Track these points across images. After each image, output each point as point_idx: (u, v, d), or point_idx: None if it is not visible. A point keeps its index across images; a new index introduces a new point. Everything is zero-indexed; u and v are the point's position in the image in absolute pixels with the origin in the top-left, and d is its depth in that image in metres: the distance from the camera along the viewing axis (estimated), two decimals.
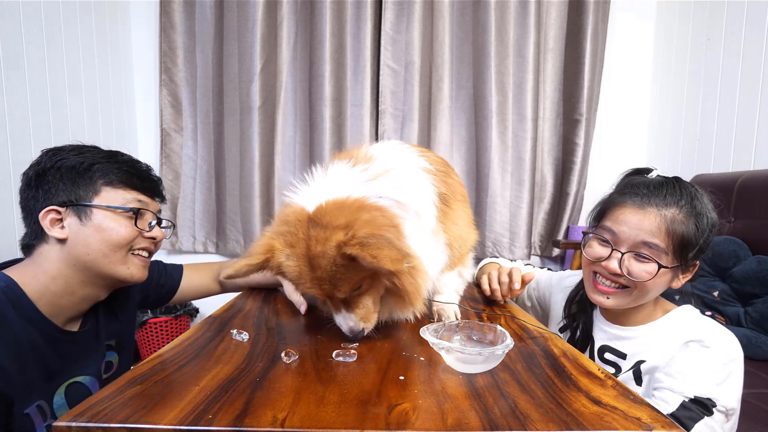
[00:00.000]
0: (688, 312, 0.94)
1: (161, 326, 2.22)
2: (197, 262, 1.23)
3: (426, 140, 2.30)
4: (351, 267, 0.69)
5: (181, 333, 1.93)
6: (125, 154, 0.94)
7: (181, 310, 2.31)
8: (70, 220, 0.85)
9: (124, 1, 2.33)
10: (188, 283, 1.18)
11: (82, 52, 2.03)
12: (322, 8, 2.19)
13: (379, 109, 2.26)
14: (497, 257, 1.48)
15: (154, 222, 0.93)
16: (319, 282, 0.71)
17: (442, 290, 0.95)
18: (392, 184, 0.78)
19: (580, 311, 1.05)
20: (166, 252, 2.47)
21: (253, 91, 2.24)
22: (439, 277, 0.93)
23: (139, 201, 0.90)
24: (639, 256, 0.86)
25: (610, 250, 0.89)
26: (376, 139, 2.30)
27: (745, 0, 1.79)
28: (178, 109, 2.38)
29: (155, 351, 0.74)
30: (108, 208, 0.86)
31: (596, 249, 0.92)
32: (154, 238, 0.93)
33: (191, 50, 2.33)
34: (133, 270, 0.90)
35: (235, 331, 0.79)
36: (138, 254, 0.91)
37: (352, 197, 0.73)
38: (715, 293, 1.46)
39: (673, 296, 0.99)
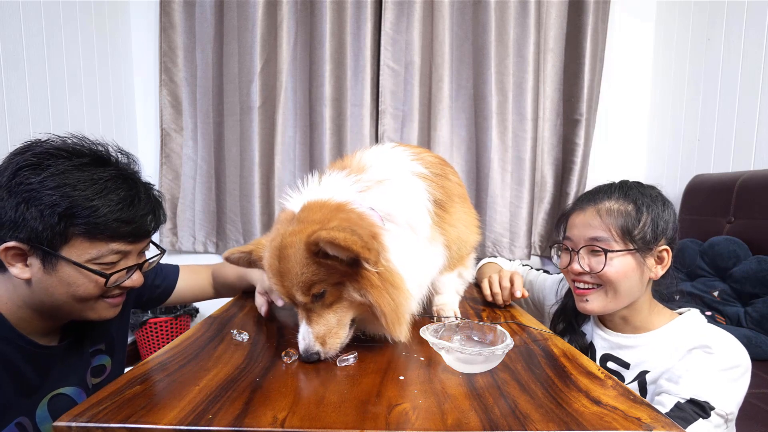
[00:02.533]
0: (694, 319, 0.93)
1: (161, 326, 2.22)
2: (193, 264, 1.21)
3: (426, 140, 2.30)
4: (313, 263, 0.68)
5: (181, 333, 1.93)
6: (121, 182, 0.77)
7: (181, 310, 2.31)
8: (34, 261, 0.73)
9: (124, 1, 2.33)
10: (184, 285, 1.15)
11: (82, 52, 2.03)
12: (322, 8, 2.19)
13: (379, 109, 2.26)
14: (496, 257, 1.48)
15: (131, 272, 0.81)
16: (282, 276, 0.70)
17: (442, 290, 0.95)
18: (385, 196, 0.78)
19: (567, 330, 1.05)
20: (166, 252, 2.46)
21: (253, 91, 2.24)
22: (439, 277, 0.93)
23: (118, 252, 0.77)
24: (594, 251, 0.92)
25: (570, 254, 0.96)
26: (376, 139, 2.30)
27: (745, 0, 1.79)
28: (178, 109, 2.38)
29: (155, 351, 0.74)
30: (77, 265, 0.73)
31: (562, 258, 1.00)
32: (131, 287, 0.83)
33: (191, 50, 2.33)
34: (102, 313, 0.81)
35: (235, 331, 0.79)
36: (109, 299, 0.81)
37: (334, 200, 0.74)
38: (715, 293, 1.46)
39: (673, 296, 0.98)
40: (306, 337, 0.70)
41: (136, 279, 0.83)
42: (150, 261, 0.88)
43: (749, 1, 1.77)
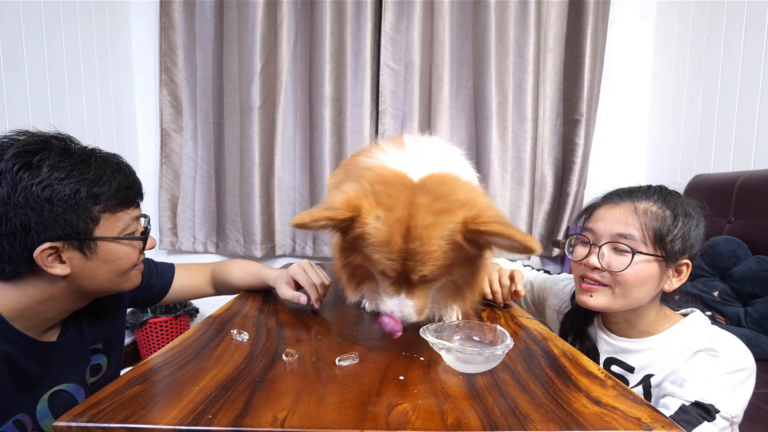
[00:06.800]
0: (698, 321, 0.91)
1: (161, 326, 2.22)
2: (189, 263, 1.21)
3: None
4: (456, 248, 0.65)
5: (181, 333, 1.93)
6: (111, 161, 0.82)
7: (181, 310, 2.31)
8: (72, 255, 0.76)
9: (124, 1, 2.33)
10: (180, 284, 1.15)
11: (82, 52, 2.03)
12: (322, 8, 2.19)
13: (379, 109, 2.26)
14: (498, 257, 1.48)
15: (147, 235, 0.88)
16: (407, 255, 0.64)
17: None
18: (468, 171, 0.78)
19: (573, 331, 1.04)
20: (166, 252, 2.47)
21: (253, 91, 2.24)
22: None
23: (135, 219, 0.84)
24: (618, 250, 0.87)
25: (590, 247, 0.91)
26: (377, 139, 2.30)
27: (745, 0, 1.79)
28: (178, 109, 2.38)
29: (155, 351, 0.74)
30: (115, 239, 0.80)
31: (579, 250, 0.94)
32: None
33: (191, 50, 2.33)
34: (135, 281, 0.88)
35: (235, 332, 0.79)
36: (137, 267, 0.88)
37: (462, 177, 0.70)
38: (715, 293, 1.46)
39: (673, 296, 0.98)
40: (404, 309, 0.69)
41: (151, 241, 0.90)
42: (148, 227, 0.92)
43: (749, 1, 1.77)
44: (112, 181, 0.79)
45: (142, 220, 0.90)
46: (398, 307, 0.70)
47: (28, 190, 0.70)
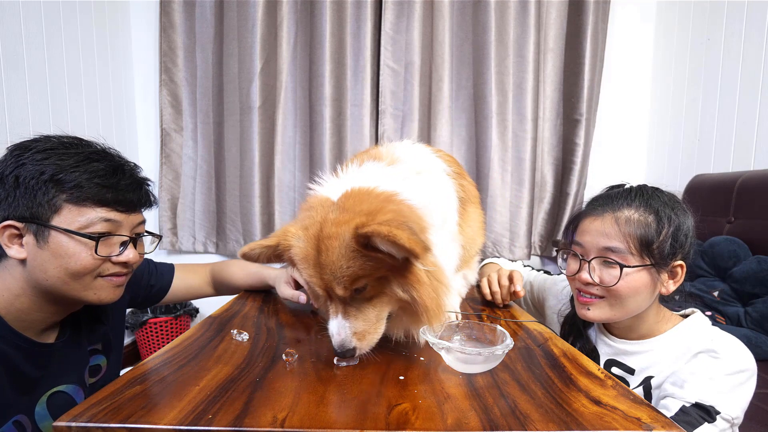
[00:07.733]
0: (699, 322, 0.91)
1: (161, 326, 2.22)
2: (189, 263, 1.21)
3: (426, 140, 2.30)
4: (360, 256, 0.64)
5: (181, 333, 1.93)
6: (104, 156, 0.80)
7: (181, 310, 2.31)
8: (29, 239, 0.74)
9: (124, 1, 2.33)
10: (179, 284, 1.14)
11: (82, 52, 2.03)
12: (322, 8, 2.19)
13: (379, 109, 2.26)
14: (498, 257, 1.48)
15: (125, 247, 0.80)
16: (321, 267, 0.65)
17: None
18: (424, 187, 0.75)
19: (573, 333, 1.04)
20: (166, 252, 2.47)
21: (253, 91, 2.25)
22: None
23: (108, 221, 0.77)
24: (607, 263, 0.87)
25: (580, 262, 0.91)
26: (376, 139, 2.30)
27: (745, 0, 1.79)
28: (178, 109, 2.38)
29: (155, 351, 0.74)
30: (66, 231, 0.74)
31: (570, 264, 0.94)
32: (126, 263, 0.81)
33: (191, 50, 2.33)
34: (102, 294, 0.80)
35: (235, 332, 0.79)
36: (108, 278, 0.81)
37: (380, 188, 0.69)
38: (715, 293, 1.46)
39: (673, 296, 0.98)
40: (341, 331, 0.67)
41: (131, 255, 0.81)
42: (144, 235, 0.87)
43: (749, 1, 1.77)
44: (86, 173, 0.75)
45: (147, 237, 0.87)
46: (336, 330, 0.67)
47: (6, 168, 0.74)
